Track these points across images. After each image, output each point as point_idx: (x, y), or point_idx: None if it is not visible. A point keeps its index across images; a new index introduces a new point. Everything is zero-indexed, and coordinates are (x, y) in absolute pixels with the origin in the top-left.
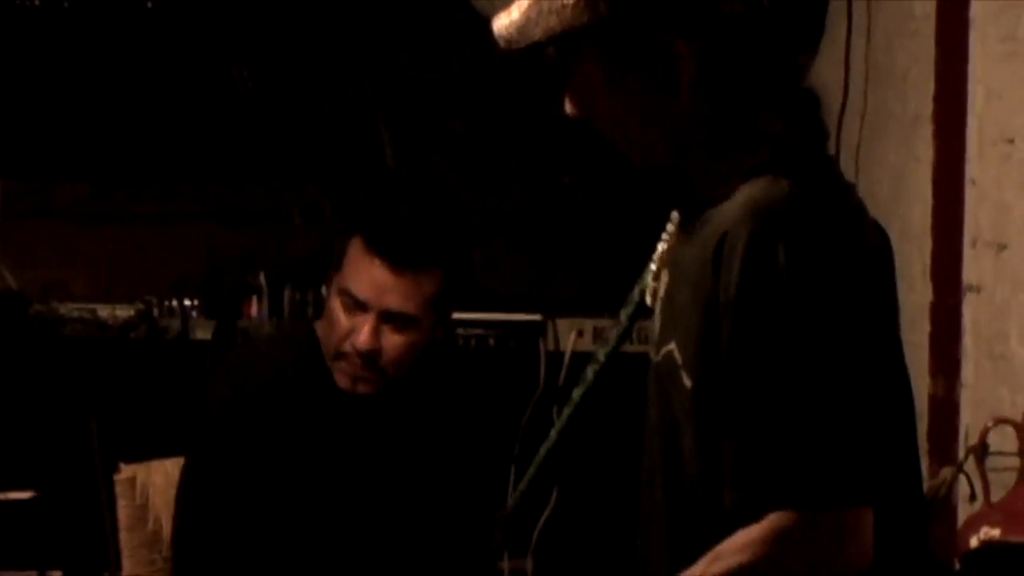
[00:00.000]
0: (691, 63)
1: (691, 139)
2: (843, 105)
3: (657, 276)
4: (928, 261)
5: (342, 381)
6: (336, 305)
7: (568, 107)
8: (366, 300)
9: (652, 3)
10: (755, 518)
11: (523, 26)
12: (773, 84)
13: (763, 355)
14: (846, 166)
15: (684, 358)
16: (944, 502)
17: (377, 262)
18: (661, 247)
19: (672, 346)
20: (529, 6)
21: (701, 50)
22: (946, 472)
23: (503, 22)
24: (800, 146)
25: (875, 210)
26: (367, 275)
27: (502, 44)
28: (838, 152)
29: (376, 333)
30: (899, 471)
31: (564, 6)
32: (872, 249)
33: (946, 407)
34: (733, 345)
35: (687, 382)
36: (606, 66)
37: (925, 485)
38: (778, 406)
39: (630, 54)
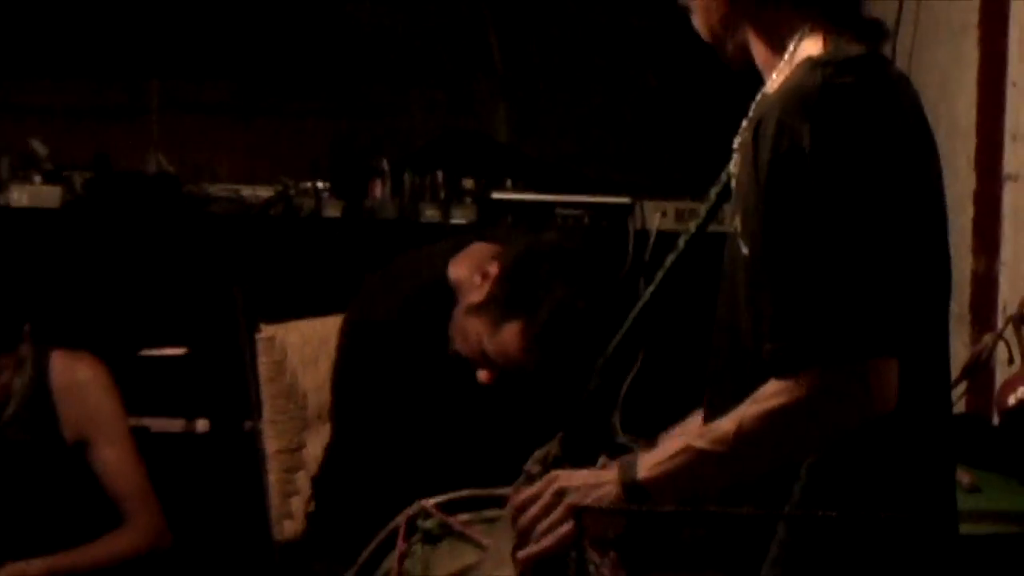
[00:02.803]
0: None
1: (752, 40)
2: (899, 14)
3: (735, 161)
4: (972, 153)
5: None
6: (471, 344)
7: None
8: (496, 364)
9: None
10: (790, 368)
11: None
12: None
13: (790, 224)
14: (900, 68)
15: (743, 229)
16: (985, 365)
17: (527, 354)
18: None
19: (738, 219)
20: None
21: None
22: (987, 339)
23: None
24: (847, 37)
25: (926, 108)
26: (512, 355)
27: None
28: (894, 55)
29: (493, 374)
30: (926, 327)
31: None
32: (907, 126)
33: (986, 282)
34: (766, 218)
35: (744, 250)
36: None
37: (968, 351)
38: (806, 267)
39: None
